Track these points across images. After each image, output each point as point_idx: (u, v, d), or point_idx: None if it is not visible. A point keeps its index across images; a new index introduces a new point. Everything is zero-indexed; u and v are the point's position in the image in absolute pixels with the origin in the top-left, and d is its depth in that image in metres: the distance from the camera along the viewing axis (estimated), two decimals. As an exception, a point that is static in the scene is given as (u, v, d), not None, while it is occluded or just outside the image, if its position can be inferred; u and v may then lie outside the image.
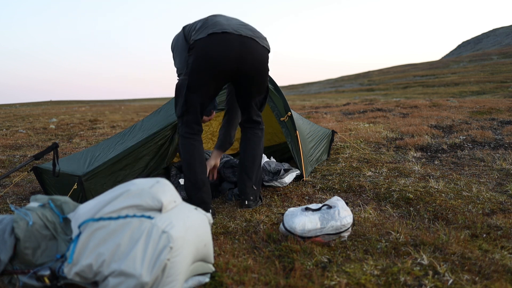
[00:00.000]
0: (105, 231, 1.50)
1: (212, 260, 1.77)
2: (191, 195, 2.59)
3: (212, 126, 4.24)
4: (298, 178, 3.40)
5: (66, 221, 1.73)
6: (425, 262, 1.80)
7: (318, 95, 36.36)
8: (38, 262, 1.62)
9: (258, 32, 2.60)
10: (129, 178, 2.85)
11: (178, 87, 2.61)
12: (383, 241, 2.07)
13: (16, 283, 1.60)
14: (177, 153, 3.24)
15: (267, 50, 2.63)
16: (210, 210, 2.61)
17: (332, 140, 4.45)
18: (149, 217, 1.53)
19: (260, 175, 2.83)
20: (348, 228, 2.11)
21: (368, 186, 3.13)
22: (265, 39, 2.63)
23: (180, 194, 2.92)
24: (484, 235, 2.12)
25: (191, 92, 2.53)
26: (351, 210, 2.28)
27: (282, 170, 3.26)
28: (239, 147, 2.89)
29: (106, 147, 3.19)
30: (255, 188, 2.78)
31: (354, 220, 2.18)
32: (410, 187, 3.02)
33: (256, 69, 2.58)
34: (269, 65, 2.69)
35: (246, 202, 2.74)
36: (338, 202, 2.21)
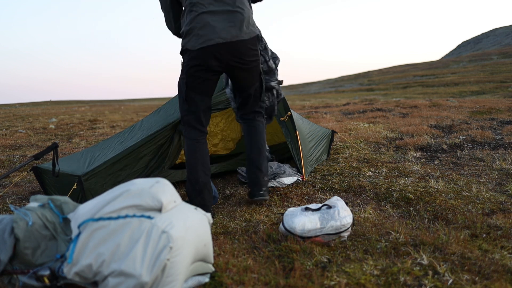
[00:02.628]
0: (105, 231, 1.50)
1: (212, 260, 1.77)
2: (191, 197, 2.58)
3: (210, 126, 4.24)
4: (298, 178, 3.40)
5: (66, 221, 1.73)
6: (425, 262, 1.80)
7: (318, 95, 36.36)
8: (38, 262, 1.62)
9: (245, 22, 2.51)
10: (129, 178, 2.85)
11: (178, 86, 2.62)
12: (383, 241, 2.07)
13: (16, 283, 1.60)
14: (179, 154, 3.24)
15: (256, 39, 2.60)
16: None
17: (332, 140, 4.45)
18: (149, 217, 1.53)
19: (267, 167, 2.83)
20: (348, 228, 2.11)
21: (368, 186, 3.13)
22: (253, 25, 2.58)
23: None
24: (484, 235, 2.12)
25: (190, 90, 2.55)
26: (351, 210, 2.28)
27: (283, 171, 3.27)
28: (245, 141, 2.84)
29: (106, 147, 3.19)
30: (266, 179, 2.78)
31: (354, 220, 2.18)
32: (410, 187, 3.02)
33: (248, 65, 2.60)
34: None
35: (261, 192, 2.72)
36: (338, 202, 2.21)
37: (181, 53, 2.59)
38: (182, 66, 2.58)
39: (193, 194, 2.57)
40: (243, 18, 2.51)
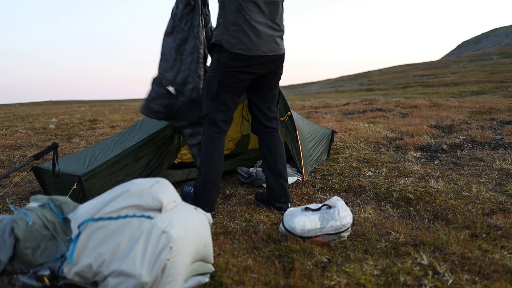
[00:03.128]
0: (105, 231, 1.50)
1: (212, 260, 1.77)
2: (198, 194, 2.57)
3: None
4: (298, 178, 3.40)
5: (66, 221, 1.73)
6: (425, 262, 1.80)
7: (318, 95, 36.35)
8: (38, 262, 1.62)
9: (279, 39, 2.61)
10: (129, 178, 2.85)
11: (207, 83, 2.58)
12: (383, 241, 2.07)
13: (16, 283, 1.60)
14: (178, 154, 3.24)
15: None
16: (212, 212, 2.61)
17: (332, 140, 4.45)
18: (149, 217, 1.53)
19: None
20: (348, 228, 2.11)
21: (368, 186, 3.13)
22: (283, 40, 2.67)
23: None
24: (484, 235, 2.12)
25: (222, 89, 2.53)
26: (351, 210, 2.28)
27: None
28: (261, 150, 2.79)
29: (106, 147, 3.19)
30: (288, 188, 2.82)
31: (353, 220, 2.18)
32: (410, 187, 3.02)
33: (280, 71, 2.72)
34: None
35: (289, 205, 2.74)
36: (337, 202, 2.21)
37: (212, 46, 2.56)
38: (217, 63, 2.53)
39: (200, 191, 2.56)
40: (280, 35, 2.61)
